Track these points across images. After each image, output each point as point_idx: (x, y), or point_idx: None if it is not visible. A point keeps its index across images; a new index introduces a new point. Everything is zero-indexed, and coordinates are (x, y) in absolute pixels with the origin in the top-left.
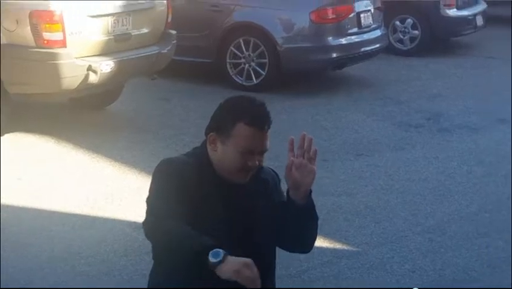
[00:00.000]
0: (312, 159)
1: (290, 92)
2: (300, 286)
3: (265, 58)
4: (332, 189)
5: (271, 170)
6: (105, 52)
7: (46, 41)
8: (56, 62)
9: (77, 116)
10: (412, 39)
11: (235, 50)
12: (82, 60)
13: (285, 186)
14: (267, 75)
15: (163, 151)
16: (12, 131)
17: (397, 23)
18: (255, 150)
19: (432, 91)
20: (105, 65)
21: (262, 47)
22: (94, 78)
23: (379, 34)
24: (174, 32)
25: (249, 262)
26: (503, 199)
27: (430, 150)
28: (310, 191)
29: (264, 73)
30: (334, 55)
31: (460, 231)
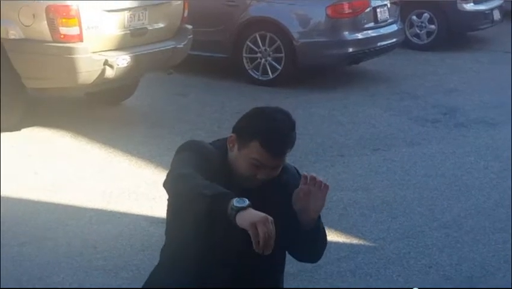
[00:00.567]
0: (321, 191)
1: (306, 87)
2: (315, 282)
3: (282, 53)
4: (348, 184)
5: (296, 171)
6: (121, 47)
7: (62, 36)
8: (72, 56)
9: (93, 111)
10: (428, 33)
11: (252, 45)
12: (99, 55)
13: None
14: (283, 70)
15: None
16: (29, 126)
17: (414, 18)
18: (266, 166)
19: (448, 86)
20: (122, 60)
21: (279, 42)
22: (110, 73)
23: (396, 28)
24: (191, 26)
25: (268, 219)
26: None
27: (447, 145)
28: (319, 217)
29: (280, 67)
30: (350, 50)
31: (477, 226)
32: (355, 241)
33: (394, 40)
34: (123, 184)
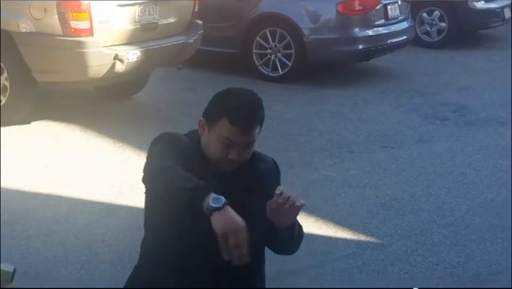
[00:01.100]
0: (294, 209)
1: (316, 83)
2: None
3: (292, 49)
4: (357, 180)
5: (273, 162)
6: (131, 41)
7: (73, 30)
8: (83, 50)
9: (103, 105)
10: (439, 31)
11: (261, 41)
12: (109, 49)
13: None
14: (293, 66)
15: None
16: (39, 119)
17: (424, 15)
18: (237, 144)
19: (458, 84)
20: (132, 55)
21: (289, 38)
22: (120, 67)
23: (406, 25)
24: (201, 22)
25: (240, 228)
26: None
27: (456, 142)
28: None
29: (290, 64)
30: (361, 47)
31: (485, 224)
32: (362, 237)
33: (405, 37)
34: (132, 178)
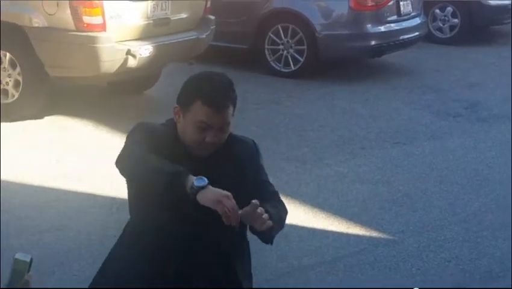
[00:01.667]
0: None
1: (328, 79)
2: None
3: (304, 45)
4: (369, 177)
5: (252, 143)
6: (144, 37)
7: (85, 25)
8: (95, 45)
9: (115, 100)
10: (451, 27)
11: (274, 37)
12: (122, 44)
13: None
14: (305, 62)
15: None
16: (51, 114)
17: (437, 11)
18: (213, 127)
19: (470, 80)
20: (144, 50)
21: (301, 34)
22: (133, 62)
23: (419, 21)
24: (213, 17)
25: (229, 194)
26: None
27: (468, 139)
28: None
29: (302, 59)
30: (373, 43)
31: (497, 221)
32: (374, 234)
33: (417, 34)
34: None
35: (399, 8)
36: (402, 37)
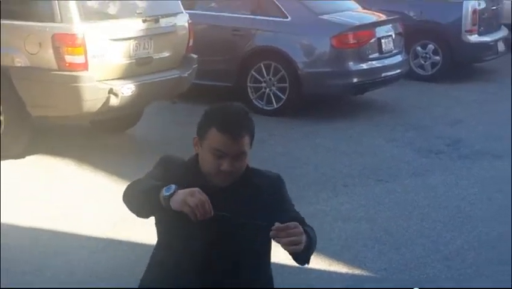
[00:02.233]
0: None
1: (311, 117)
2: None
3: (286, 83)
4: (351, 214)
5: (277, 176)
6: (126, 75)
7: (68, 64)
8: (78, 85)
9: (98, 139)
10: (433, 65)
11: (256, 75)
12: (104, 83)
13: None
14: (288, 99)
15: None
16: (33, 153)
17: (419, 49)
18: (228, 154)
19: (452, 117)
20: (126, 89)
21: (283, 72)
22: (115, 101)
23: (400, 59)
24: (195, 56)
25: (194, 191)
26: None
27: (450, 176)
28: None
29: (284, 97)
30: (355, 80)
31: (480, 258)
32: (357, 271)
33: (399, 71)
34: (127, 212)
35: (380, 45)
36: (383, 74)
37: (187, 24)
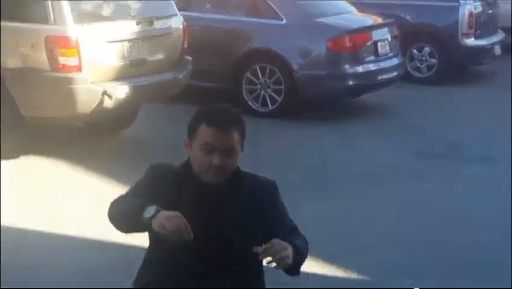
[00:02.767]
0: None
1: (306, 119)
2: None
3: (281, 85)
4: (347, 217)
5: (271, 182)
6: (120, 77)
7: (61, 66)
8: (71, 86)
9: (92, 140)
10: (429, 67)
11: (251, 77)
12: (98, 85)
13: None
14: (283, 102)
15: None
16: (27, 154)
17: (415, 52)
18: (217, 148)
19: (449, 120)
20: (120, 90)
21: (278, 74)
22: (109, 103)
23: (396, 62)
24: (190, 58)
25: (171, 216)
26: None
27: (448, 180)
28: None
29: (279, 99)
30: (351, 83)
31: (479, 261)
32: (353, 275)
33: (395, 74)
34: None
35: (376, 48)
36: (379, 77)
37: (181, 27)
